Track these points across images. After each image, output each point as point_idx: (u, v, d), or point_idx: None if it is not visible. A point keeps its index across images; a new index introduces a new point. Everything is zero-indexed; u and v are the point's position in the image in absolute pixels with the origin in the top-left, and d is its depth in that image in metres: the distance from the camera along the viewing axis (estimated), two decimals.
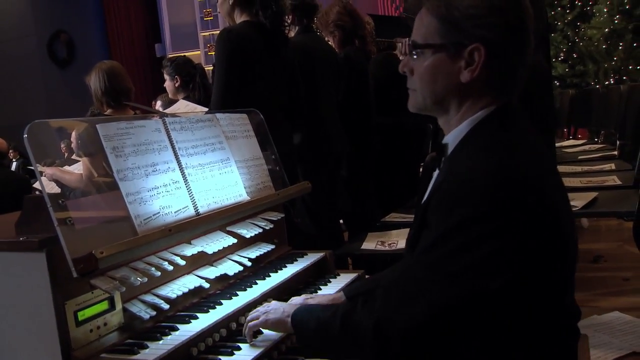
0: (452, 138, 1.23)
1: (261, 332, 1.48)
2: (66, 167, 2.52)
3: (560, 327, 1.17)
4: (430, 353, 1.12)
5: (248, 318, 1.46)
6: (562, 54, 7.97)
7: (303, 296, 1.63)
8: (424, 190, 1.31)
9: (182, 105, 3.41)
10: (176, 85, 3.95)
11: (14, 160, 8.51)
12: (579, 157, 4.62)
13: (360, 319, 1.16)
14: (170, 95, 4.07)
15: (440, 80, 1.19)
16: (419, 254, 1.13)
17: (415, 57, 1.22)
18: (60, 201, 1.28)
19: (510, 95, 1.21)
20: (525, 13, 1.17)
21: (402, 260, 1.25)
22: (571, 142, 5.78)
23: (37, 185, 4.46)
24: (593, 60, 7.45)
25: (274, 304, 1.46)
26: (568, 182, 3.43)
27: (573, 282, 1.22)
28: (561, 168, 3.97)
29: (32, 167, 1.35)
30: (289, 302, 1.52)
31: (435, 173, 1.27)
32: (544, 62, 3.23)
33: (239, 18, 2.73)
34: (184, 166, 1.64)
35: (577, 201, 2.82)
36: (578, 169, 4.00)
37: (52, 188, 1.34)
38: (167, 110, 3.49)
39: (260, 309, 1.46)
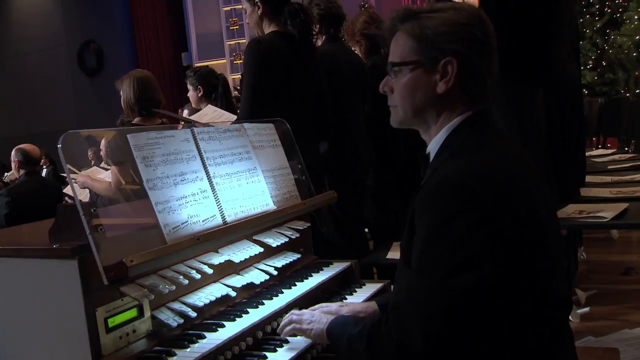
0: (433, 146, 1.35)
1: (287, 341, 1.50)
2: (96, 172, 2.55)
3: (544, 319, 1.21)
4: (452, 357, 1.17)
5: (294, 318, 1.49)
6: (590, 62, 7.84)
7: (337, 304, 1.65)
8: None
9: (210, 111, 3.46)
10: (199, 95, 4.00)
11: (44, 166, 8.69)
12: (609, 167, 4.52)
13: (382, 346, 1.22)
14: (193, 105, 4.13)
15: (419, 94, 1.32)
16: (415, 264, 1.19)
17: (394, 76, 1.35)
18: (92, 209, 1.30)
19: (483, 103, 1.32)
20: (487, 29, 1.29)
21: (398, 273, 1.29)
22: (600, 151, 5.66)
23: (66, 191, 4.56)
24: (623, 68, 7.32)
25: (317, 314, 1.50)
26: (597, 192, 3.36)
27: (562, 273, 1.28)
28: (590, 178, 3.89)
29: (63, 174, 1.39)
30: (320, 308, 1.57)
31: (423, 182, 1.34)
32: (577, 72, 3.17)
33: (268, 28, 2.76)
34: (211, 175, 1.66)
35: (607, 212, 2.76)
36: (608, 179, 3.91)
37: (80, 194, 1.36)
38: (195, 115, 3.54)
39: (306, 316, 1.49)
